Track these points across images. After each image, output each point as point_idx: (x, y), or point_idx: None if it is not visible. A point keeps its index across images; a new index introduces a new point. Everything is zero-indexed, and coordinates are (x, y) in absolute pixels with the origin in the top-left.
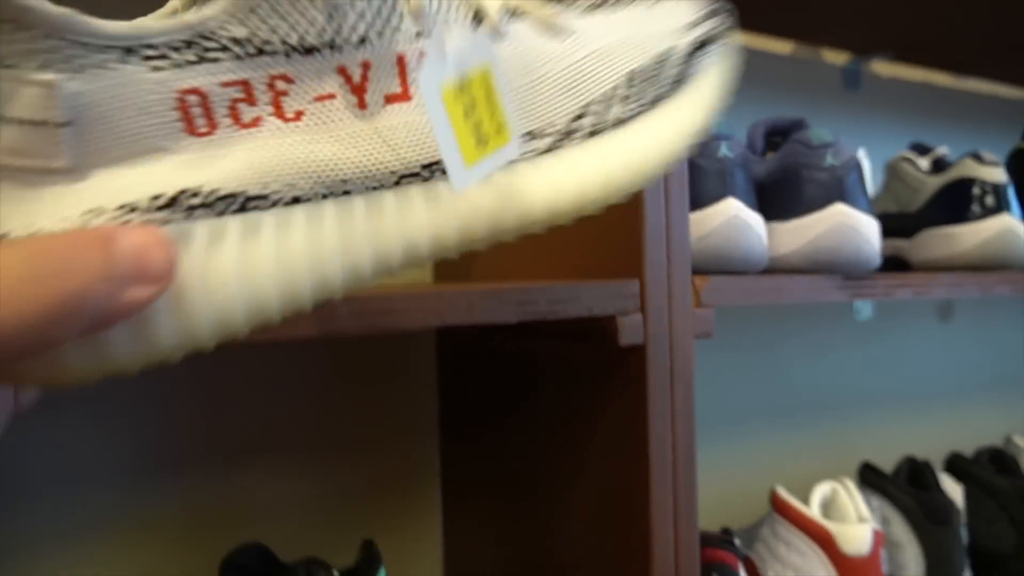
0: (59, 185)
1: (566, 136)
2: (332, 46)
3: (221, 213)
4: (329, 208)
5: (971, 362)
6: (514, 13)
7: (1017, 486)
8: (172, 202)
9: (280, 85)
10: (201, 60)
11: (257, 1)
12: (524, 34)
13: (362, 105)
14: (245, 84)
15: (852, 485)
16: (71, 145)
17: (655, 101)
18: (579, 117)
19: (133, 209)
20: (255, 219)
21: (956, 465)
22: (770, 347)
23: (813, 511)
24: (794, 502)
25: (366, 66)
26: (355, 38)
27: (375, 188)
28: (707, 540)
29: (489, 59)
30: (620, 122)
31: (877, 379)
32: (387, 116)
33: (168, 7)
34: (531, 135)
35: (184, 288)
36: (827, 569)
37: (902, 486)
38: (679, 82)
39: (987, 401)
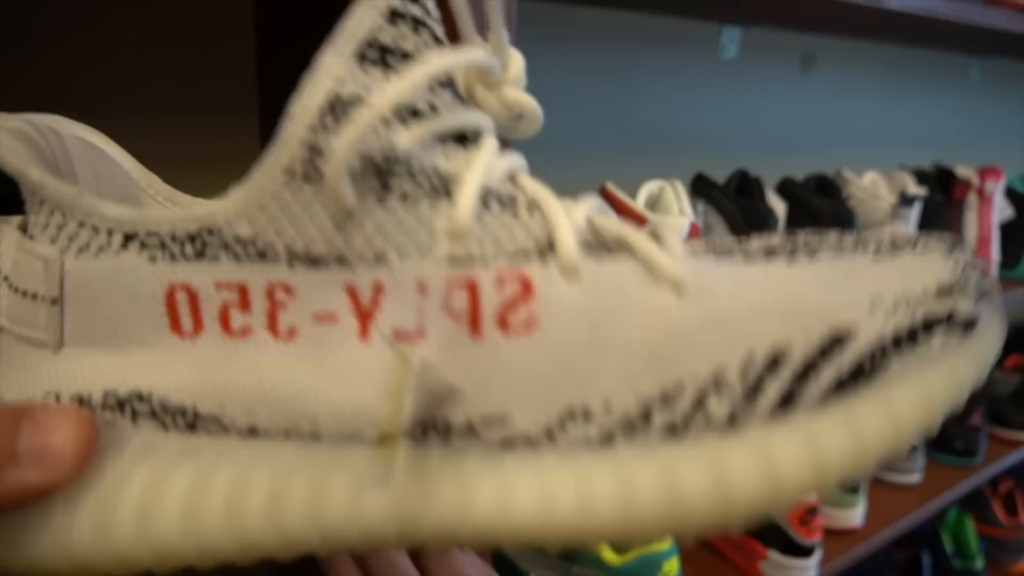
0: (41, 356)
1: (628, 428)
2: (341, 260)
3: (166, 427)
4: (286, 453)
5: (826, 116)
6: (613, 246)
7: (834, 207)
8: (121, 403)
9: (279, 295)
10: (200, 256)
11: (266, 200)
12: (613, 277)
13: (364, 334)
14: (241, 288)
15: (680, 185)
16: (59, 321)
17: (793, 402)
18: (658, 404)
19: (83, 401)
20: (195, 444)
21: (784, 187)
22: (634, 79)
23: (638, 204)
24: (620, 195)
25: (378, 289)
26: (370, 254)
27: (348, 440)
28: None
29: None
30: (723, 425)
31: (732, 120)
32: (390, 355)
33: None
34: (575, 414)
35: (100, 500)
36: None
37: (728, 194)
38: (853, 381)
39: (833, 153)
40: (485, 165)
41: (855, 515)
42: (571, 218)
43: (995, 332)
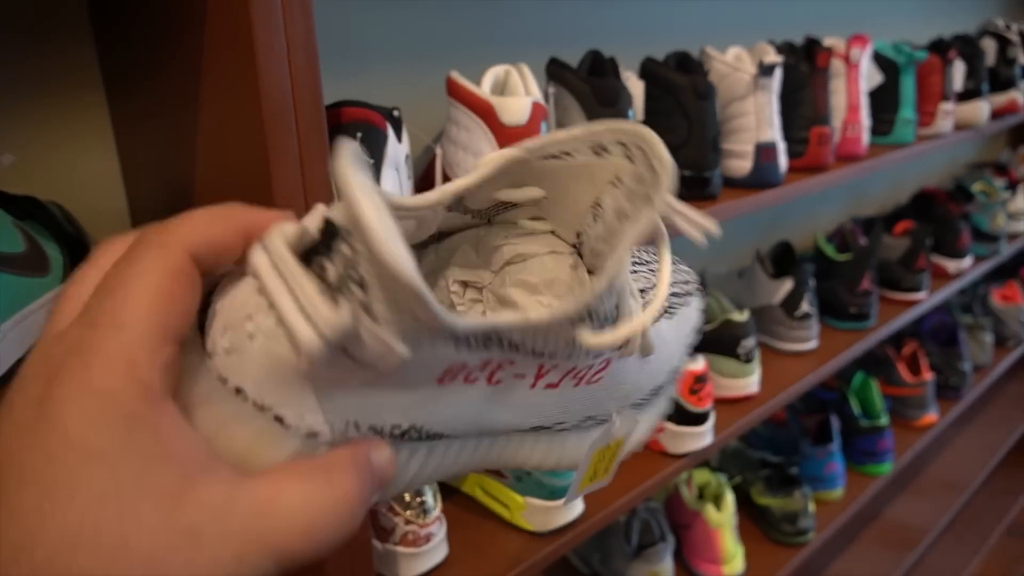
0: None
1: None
2: (538, 354)
3: (418, 440)
4: (478, 443)
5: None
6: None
7: (693, 81)
8: (403, 433)
9: (505, 366)
10: (484, 347)
11: (542, 329)
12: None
13: (533, 385)
14: (492, 363)
15: (526, 68)
16: (380, 370)
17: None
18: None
19: (376, 430)
20: (430, 445)
21: (646, 67)
22: None
23: (482, 90)
24: (465, 82)
25: (553, 366)
26: (555, 354)
27: (514, 432)
28: (352, 103)
29: (626, 434)
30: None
31: (595, 8)
32: (538, 395)
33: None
34: (589, 418)
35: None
36: (490, 141)
37: (580, 75)
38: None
39: (702, 34)
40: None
41: (751, 383)
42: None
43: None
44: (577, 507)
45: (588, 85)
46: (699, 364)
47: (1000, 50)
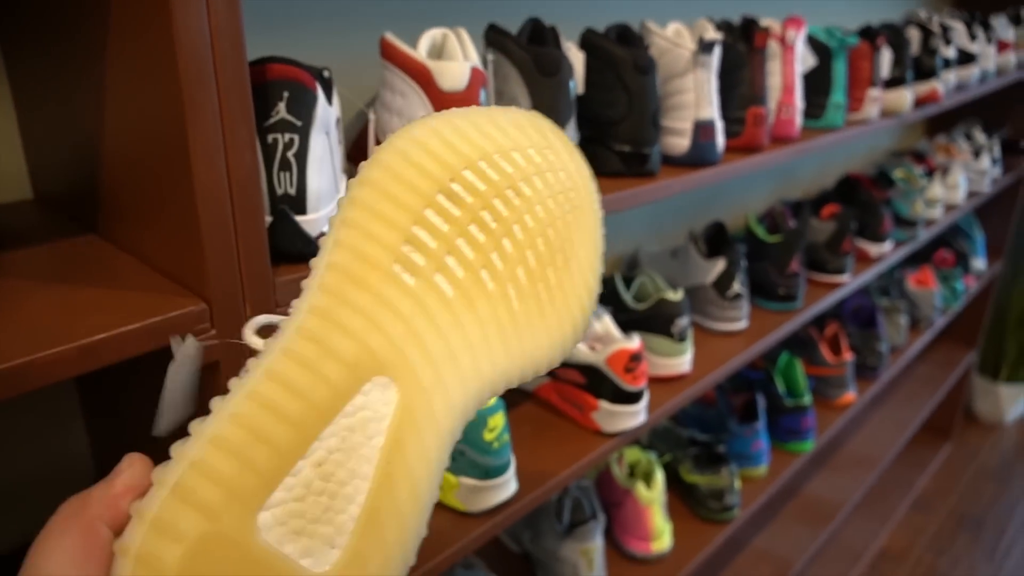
0: None
1: None
2: None
3: None
4: None
5: None
6: None
7: (634, 55)
8: None
9: None
10: None
11: None
12: None
13: None
14: None
15: (464, 32)
16: None
17: None
18: None
19: None
20: None
21: (586, 37)
22: None
23: (419, 53)
24: (400, 44)
25: None
26: None
27: None
28: (279, 59)
29: None
30: None
31: None
32: None
33: None
34: None
35: None
36: (426, 107)
37: (520, 43)
38: None
39: (640, 6)
40: None
41: (683, 363)
42: None
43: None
44: (510, 487)
45: (529, 53)
46: (634, 343)
47: (923, 40)
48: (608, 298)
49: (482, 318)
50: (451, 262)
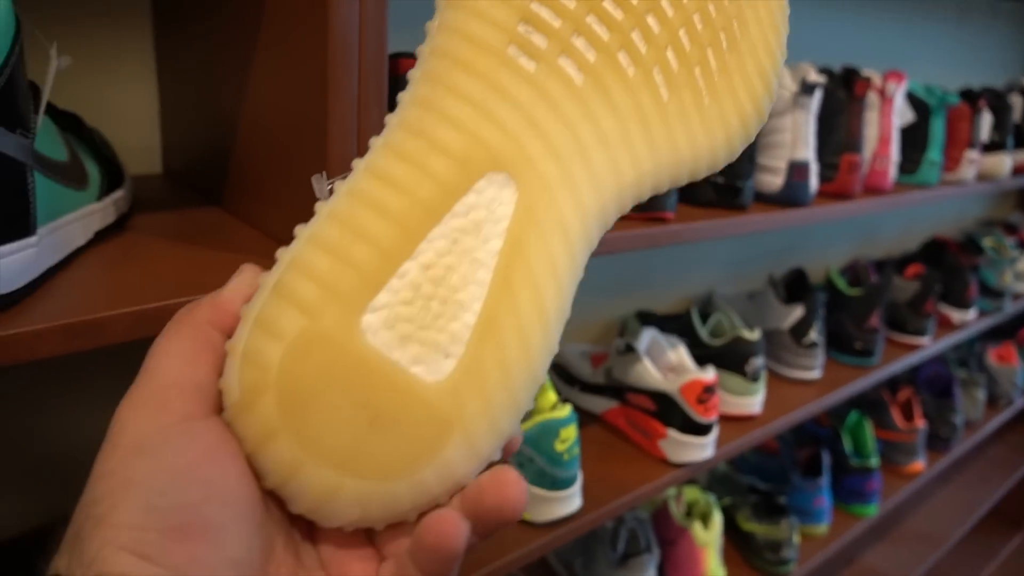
0: None
1: None
2: None
3: None
4: None
5: None
6: None
7: None
8: None
9: None
10: None
11: None
12: None
13: None
14: None
15: None
16: None
17: None
18: None
19: None
20: None
21: None
22: None
23: None
24: None
25: None
26: None
27: None
28: (410, 55)
29: None
30: None
31: None
32: None
33: None
34: None
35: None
36: None
37: None
38: None
39: None
40: None
41: (754, 403)
42: None
43: None
44: (575, 501)
45: None
46: (709, 375)
47: None
48: (683, 330)
49: (619, 109)
50: (579, 43)
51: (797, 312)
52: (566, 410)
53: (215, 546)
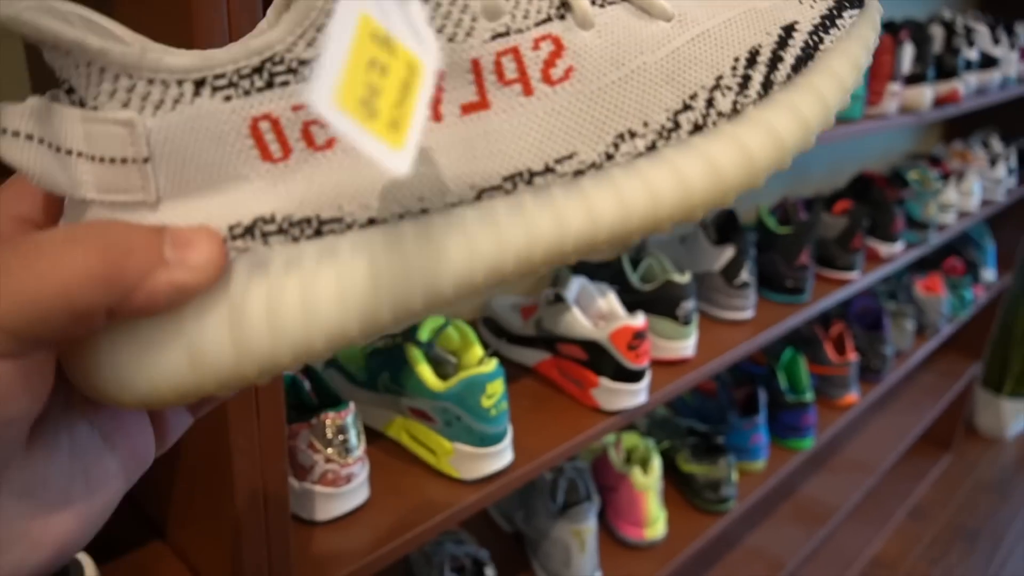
0: (140, 216)
1: (665, 135)
2: None
3: (296, 239)
4: (407, 228)
5: None
6: None
7: None
8: (248, 230)
9: None
10: (270, 85)
11: (321, 19)
12: (618, 20)
13: (437, 117)
14: None
15: None
16: (153, 179)
17: (771, 86)
18: (682, 111)
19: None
20: (331, 243)
21: None
22: None
23: None
24: None
25: (440, 75)
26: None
27: (454, 204)
28: None
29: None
30: (730, 114)
31: None
32: (464, 126)
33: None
34: (624, 136)
35: (248, 313)
36: None
37: None
38: (805, 60)
39: None
40: None
41: (687, 346)
42: None
43: (877, 3)
44: (506, 456)
45: None
46: (639, 320)
47: (946, 40)
48: (614, 277)
49: None
50: None
51: (728, 253)
52: (492, 364)
53: None
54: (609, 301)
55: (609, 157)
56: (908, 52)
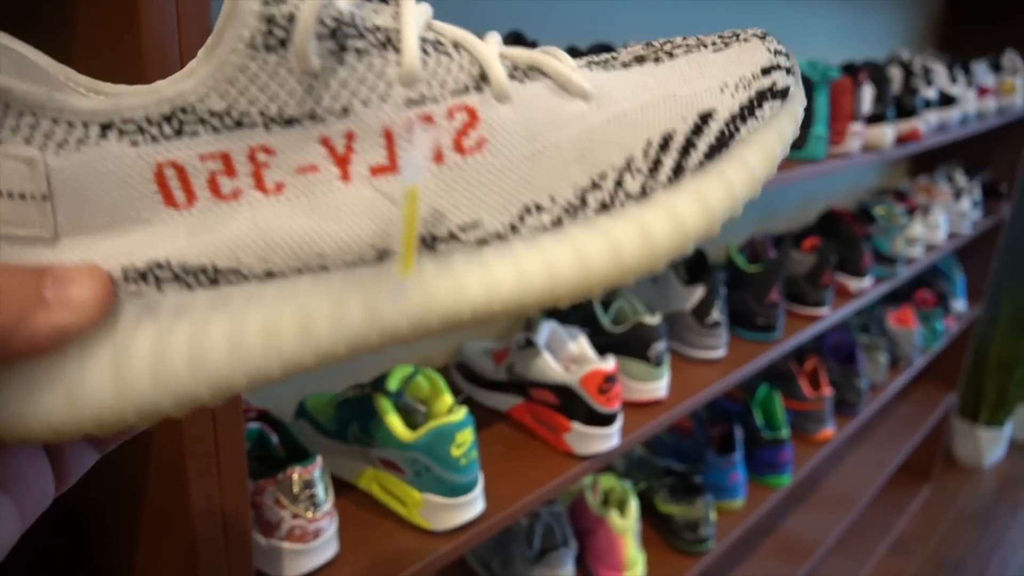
0: (37, 252)
1: (571, 211)
2: (313, 116)
3: (190, 286)
4: (304, 284)
5: None
6: (528, 71)
7: None
8: (142, 275)
9: (261, 157)
10: (179, 134)
11: (234, 73)
12: (536, 96)
13: (345, 177)
14: (224, 156)
15: None
16: (52, 216)
17: (683, 171)
18: (590, 189)
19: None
20: (225, 293)
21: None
22: None
23: None
24: None
25: (350, 136)
26: (338, 107)
27: (353, 264)
28: None
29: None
30: (638, 196)
31: None
32: (371, 188)
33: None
34: (530, 209)
35: (132, 356)
36: None
37: None
38: (719, 148)
39: None
40: (413, 15)
41: (659, 387)
42: (491, 52)
43: (800, 96)
44: (477, 506)
45: None
46: (609, 364)
47: (905, 80)
48: (585, 320)
49: None
50: None
51: (698, 293)
52: (461, 413)
53: None
54: (580, 344)
55: (514, 229)
56: (868, 93)
